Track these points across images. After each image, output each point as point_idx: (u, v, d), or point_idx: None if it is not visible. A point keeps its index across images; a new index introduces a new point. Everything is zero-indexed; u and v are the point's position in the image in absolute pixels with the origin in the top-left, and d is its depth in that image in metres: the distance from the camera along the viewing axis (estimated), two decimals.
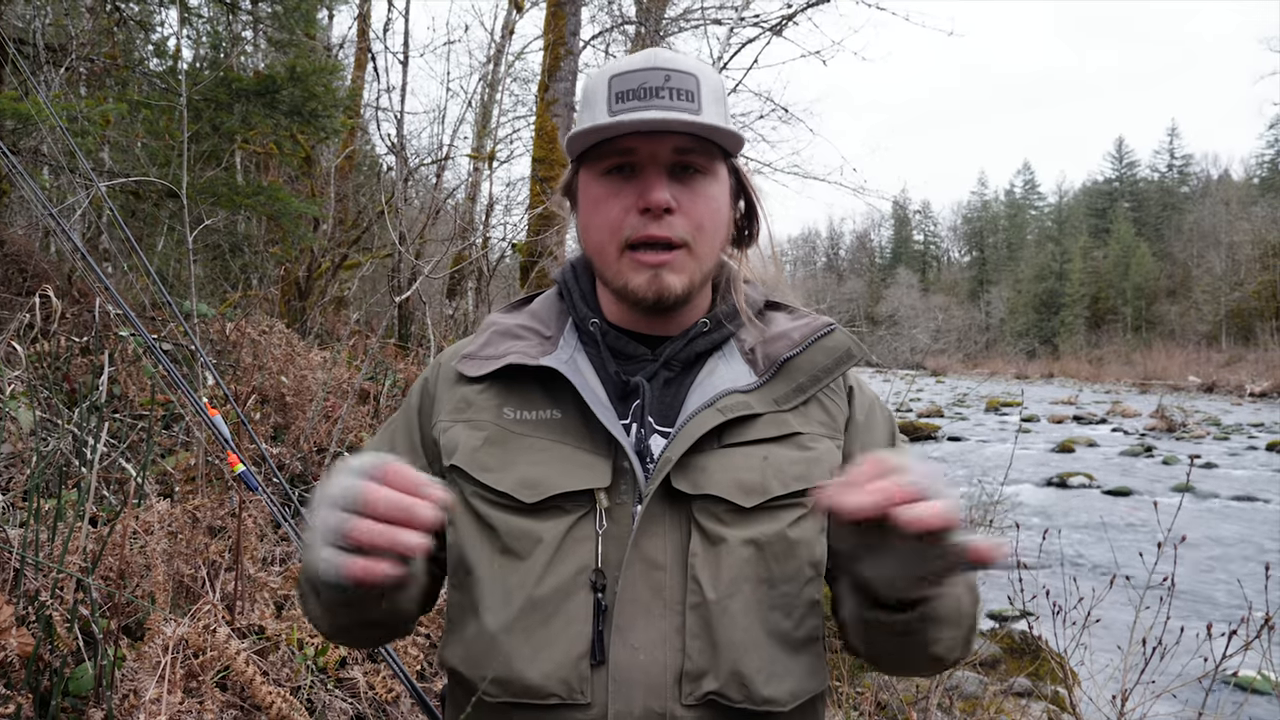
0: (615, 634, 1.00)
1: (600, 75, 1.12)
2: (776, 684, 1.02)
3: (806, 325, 1.18)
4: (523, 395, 1.12)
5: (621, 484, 1.05)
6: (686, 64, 1.10)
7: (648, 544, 1.03)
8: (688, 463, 1.05)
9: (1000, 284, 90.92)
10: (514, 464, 1.07)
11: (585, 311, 1.19)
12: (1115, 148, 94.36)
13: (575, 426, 1.09)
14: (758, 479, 1.06)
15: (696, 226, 1.09)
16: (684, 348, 1.15)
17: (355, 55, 10.99)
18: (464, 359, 1.18)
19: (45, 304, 4.26)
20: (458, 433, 1.12)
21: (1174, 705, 2.98)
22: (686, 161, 1.09)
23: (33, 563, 2.27)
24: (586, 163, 1.13)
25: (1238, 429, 20.29)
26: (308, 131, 6.73)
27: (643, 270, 1.09)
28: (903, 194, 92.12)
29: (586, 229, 1.15)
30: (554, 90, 7.39)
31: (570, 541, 1.03)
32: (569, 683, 0.99)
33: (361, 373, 4.47)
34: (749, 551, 1.04)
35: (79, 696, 2.15)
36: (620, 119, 1.04)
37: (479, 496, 1.08)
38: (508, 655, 1.01)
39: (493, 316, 1.25)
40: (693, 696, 1.00)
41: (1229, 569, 7.88)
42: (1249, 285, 62.17)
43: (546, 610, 1.01)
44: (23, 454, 3.09)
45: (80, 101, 5.14)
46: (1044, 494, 11.97)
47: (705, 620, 1.01)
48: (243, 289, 8.37)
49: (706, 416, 1.07)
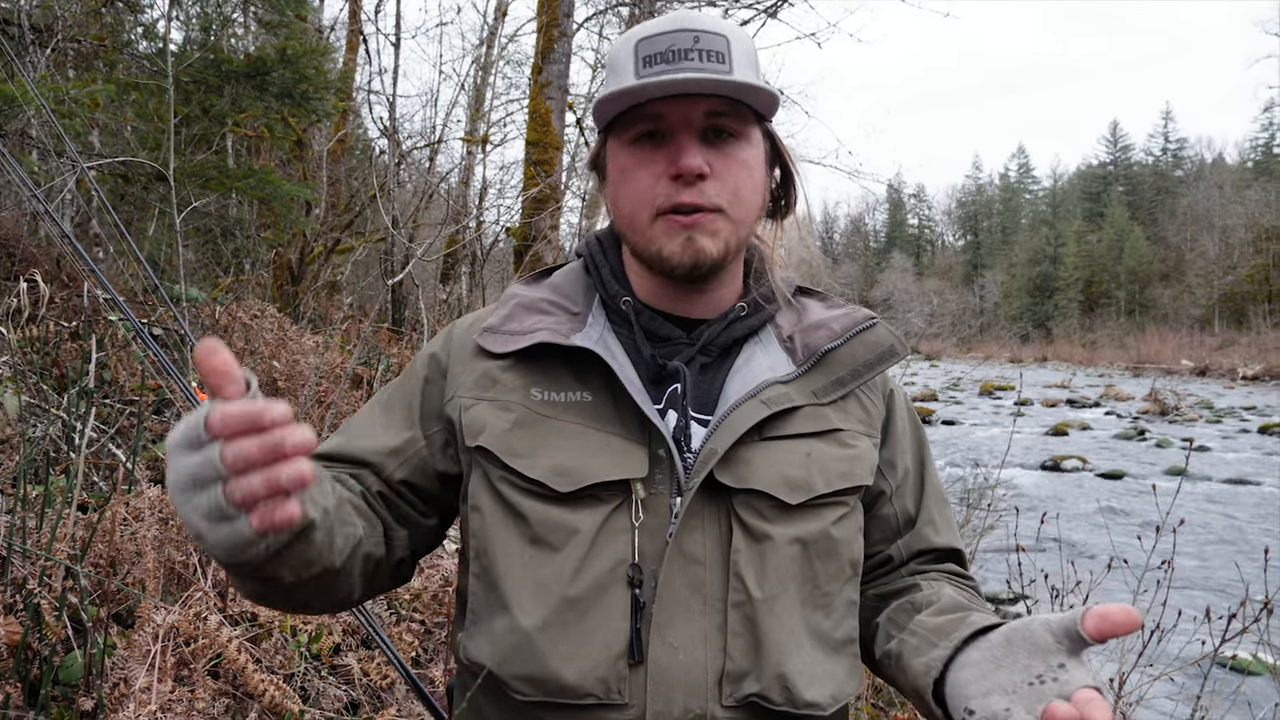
0: (654, 632, 0.96)
1: (626, 40, 1.05)
2: (819, 687, 0.99)
3: (847, 316, 1.12)
4: (550, 375, 1.06)
5: (657, 473, 1.00)
6: (716, 24, 1.03)
7: (687, 538, 0.98)
8: (730, 454, 1.00)
9: (994, 268, 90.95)
10: (545, 449, 1.01)
11: (616, 288, 1.12)
12: (1110, 131, 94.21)
13: (607, 411, 1.03)
14: (803, 475, 1.02)
15: (732, 192, 1.03)
16: (722, 332, 1.10)
17: (347, 38, 10.90)
18: (485, 332, 1.11)
19: (33, 288, 4.22)
20: (483, 412, 1.06)
21: (1171, 688, 2.97)
22: (719, 125, 1.02)
23: (20, 550, 2.24)
24: (614, 132, 1.07)
25: (1230, 412, 20.37)
26: (299, 114, 6.66)
27: (676, 234, 1.02)
28: (897, 177, 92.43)
29: (616, 200, 1.08)
30: (548, 73, 7.33)
31: (606, 534, 0.98)
32: (607, 682, 0.95)
33: (354, 357, 4.44)
34: (795, 550, 1.00)
35: (69, 685, 2.12)
36: (648, 81, 0.98)
37: (508, 482, 1.02)
38: (543, 653, 0.96)
39: (514, 288, 1.18)
40: (733, 698, 0.96)
41: (1223, 552, 7.90)
42: (1242, 269, 62.31)
43: (583, 606, 0.97)
44: (11, 440, 3.06)
45: (67, 84, 5.07)
46: (1038, 477, 11.99)
47: (749, 619, 0.97)
48: (235, 273, 8.31)
49: (751, 408, 1.02)
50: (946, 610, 1.02)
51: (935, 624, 1.00)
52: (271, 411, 0.71)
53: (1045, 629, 0.83)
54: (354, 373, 4.87)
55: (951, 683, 0.91)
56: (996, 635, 0.89)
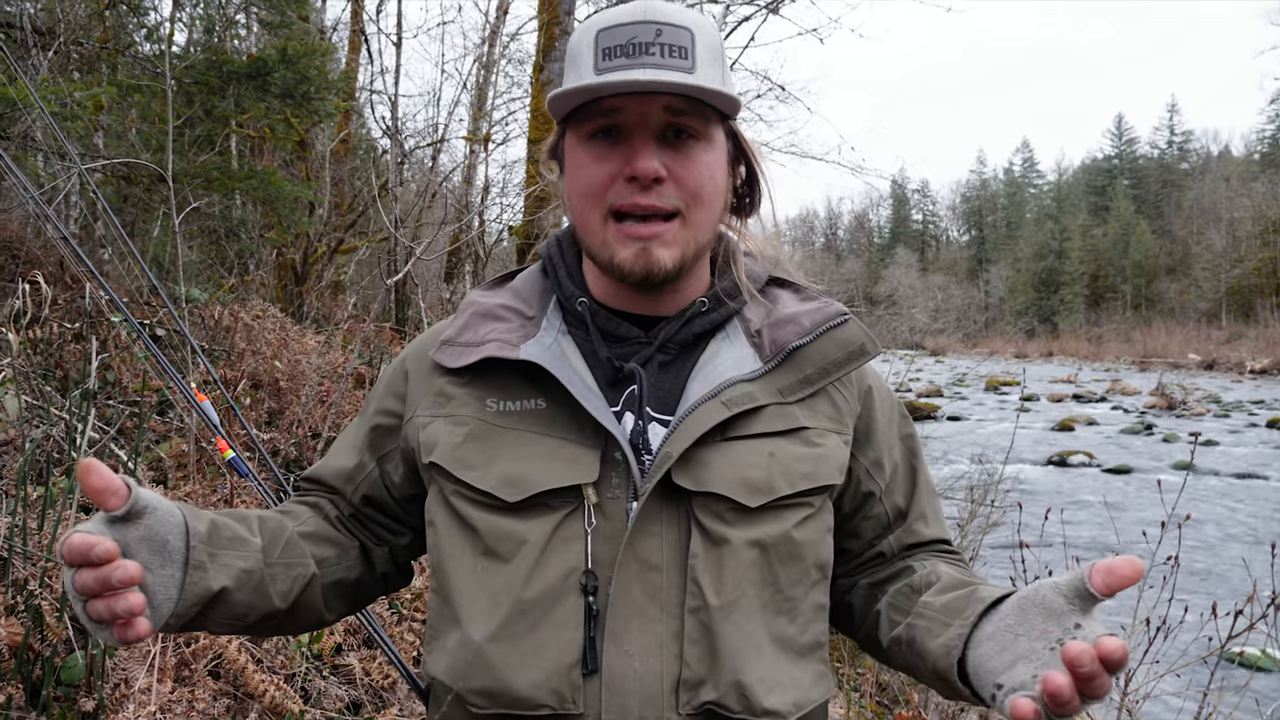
0: (608, 640, 0.95)
1: (587, 28, 1.02)
2: (779, 694, 0.97)
3: (818, 311, 1.09)
4: (505, 385, 1.05)
5: (613, 477, 0.99)
6: (681, 16, 1.00)
7: (643, 543, 0.97)
8: (689, 456, 0.98)
9: (999, 263, 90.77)
10: (496, 460, 1.00)
11: (571, 289, 1.10)
12: (1115, 124, 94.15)
13: (562, 416, 1.01)
14: (764, 477, 0.99)
15: (691, 195, 1.00)
16: (680, 329, 1.07)
17: (349, 37, 10.89)
18: (442, 346, 1.10)
19: (36, 290, 4.22)
20: (437, 429, 1.05)
21: (1178, 684, 2.96)
22: (679, 125, 0.99)
23: (21, 551, 2.24)
24: (572, 124, 1.04)
25: (1238, 406, 20.32)
26: (301, 115, 6.66)
27: (630, 243, 1.00)
28: (901, 173, 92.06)
29: (570, 196, 1.06)
30: (549, 71, 7.31)
31: (557, 541, 0.97)
32: (560, 692, 0.94)
33: (356, 357, 4.44)
34: (754, 554, 0.98)
35: (70, 686, 2.12)
36: (605, 79, 0.95)
37: (459, 495, 1.02)
38: (494, 665, 0.95)
39: (472, 295, 1.16)
40: (690, 706, 0.95)
41: (1230, 547, 7.88)
42: (1249, 262, 62.10)
43: (534, 616, 0.96)
44: (13, 441, 3.06)
45: (70, 86, 5.08)
46: (1044, 473, 11.97)
47: (705, 625, 0.96)
48: (239, 274, 8.32)
49: (710, 410, 1.00)
50: (949, 588, 1.01)
51: (942, 603, 0.98)
52: (98, 548, 0.81)
53: (1055, 592, 0.83)
54: (356, 372, 4.87)
55: (973, 660, 0.90)
56: (1008, 606, 0.89)
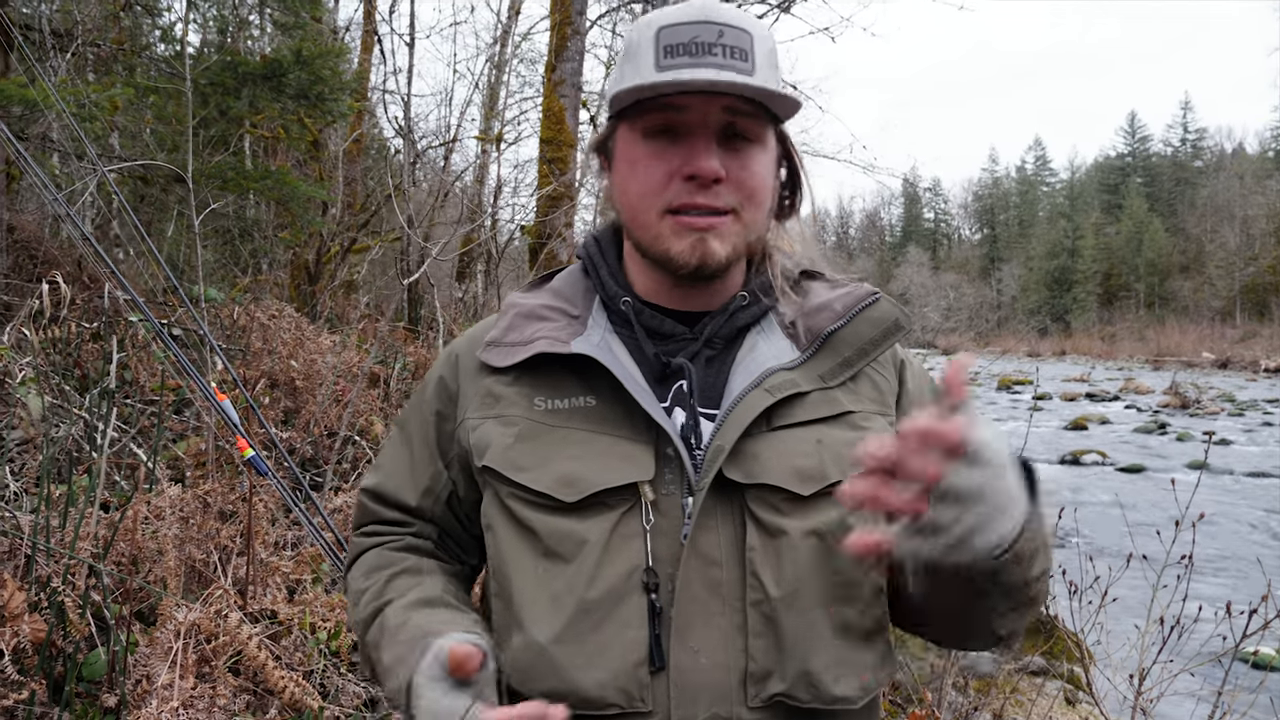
0: (674, 637, 0.94)
1: (646, 25, 1.01)
2: (847, 681, 0.97)
3: (849, 295, 1.10)
4: (553, 383, 1.05)
5: (667, 473, 0.99)
6: (741, 19, 1.00)
7: (702, 539, 0.96)
8: (738, 449, 0.98)
9: (1012, 261, 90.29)
10: (550, 460, 1.00)
11: (615, 289, 1.10)
12: (1128, 122, 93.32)
13: (613, 413, 1.01)
14: (815, 464, 0.99)
15: (747, 196, 1.01)
16: (725, 323, 1.08)
17: (361, 38, 10.94)
18: (488, 347, 1.10)
19: (55, 290, 4.26)
20: (488, 430, 1.05)
21: (1192, 684, 2.95)
22: (737, 128, 1.00)
23: (44, 549, 2.27)
24: (627, 119, 1.03)
25: (1252, 405, 20.17)
26: (315, 115, 6.70)
27: (686, 235, 1.00)
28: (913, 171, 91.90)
29: (623, 192, 1.06)
30: (561, 71, 7.34)
31: (617, 540, 0.97)
32: (628, 691, 0.93)
33: (371, 356, 4.46)
34: (811, 543, 0.97)
35: (92, 682, 2.15)
36: (670, 77, 0.95)
37: (516, 498, 1.01)
38: (560, 666, 0.95)
39: (513, 297, 1.16)
40: (759, 699, 0.94)
41: (1244, 546, 7.84)
42: (1264, 260, 61.64)
43: (597, 615, 0.95)
44: (35, 440, 3.09)
45: (87, 87, 5.12)
46: (1057, 472, 11.92)
47: (768, 617, 0.95)
48: (253, 274, 8.37)
49: (755, 398, 1.00)
50: None
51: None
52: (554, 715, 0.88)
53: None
54: (370, 371, 4.90)
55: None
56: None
